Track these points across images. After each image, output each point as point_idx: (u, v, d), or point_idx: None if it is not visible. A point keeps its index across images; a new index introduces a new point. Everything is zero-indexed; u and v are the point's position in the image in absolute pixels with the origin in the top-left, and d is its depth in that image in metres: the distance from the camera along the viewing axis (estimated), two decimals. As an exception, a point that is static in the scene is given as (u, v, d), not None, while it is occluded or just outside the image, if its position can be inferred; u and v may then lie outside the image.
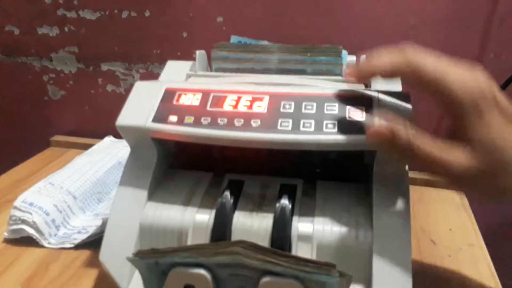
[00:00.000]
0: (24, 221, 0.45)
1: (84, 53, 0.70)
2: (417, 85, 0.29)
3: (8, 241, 0.46)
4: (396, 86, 0.38)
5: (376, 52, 0.31)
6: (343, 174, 0.39)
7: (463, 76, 0.28)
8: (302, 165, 0.42)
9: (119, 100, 0.37)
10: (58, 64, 0.71)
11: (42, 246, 0.45)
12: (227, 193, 0.37)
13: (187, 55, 0.64)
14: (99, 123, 0.73)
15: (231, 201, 0.37)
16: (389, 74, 0.31)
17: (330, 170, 0.41)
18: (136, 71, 0.69)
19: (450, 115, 0.30)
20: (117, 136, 0.68)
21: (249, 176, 0.40)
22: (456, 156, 0.28)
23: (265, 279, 0.28)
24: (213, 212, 0.35)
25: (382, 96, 0.35)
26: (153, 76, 0.54)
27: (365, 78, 0.34)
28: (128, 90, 0.38)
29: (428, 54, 0.29)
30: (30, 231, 0.45)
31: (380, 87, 0.37)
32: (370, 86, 0.39)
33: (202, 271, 0.28)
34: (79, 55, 0.70)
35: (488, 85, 0.28)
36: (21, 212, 0.45)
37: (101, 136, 0.68)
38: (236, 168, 0.42)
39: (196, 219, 0.35)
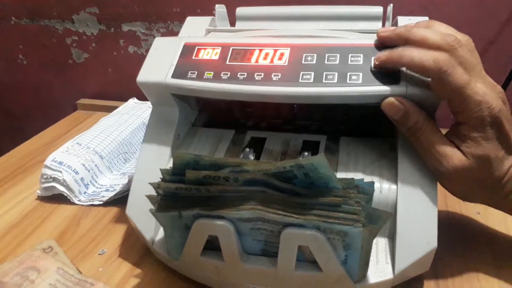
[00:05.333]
0: (55, 179, 0.47)
1: (105, 13, 0.69)
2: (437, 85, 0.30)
3: (41, 198, 0.48)
4: None
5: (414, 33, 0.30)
6: (367, 130, 0.38)
7: (483, 98, 0.29)
8: (325, 121, 0.41)
9: (141, 61, 0.37)
10: (80, 26, 0.71)
11: (73, 203, 0.47)
12: (248, 150, 0.37)
13: (207, 12, 0.63)
14: (122, 85, 0.74)
15: (252, 157, 0.37)
16: (415, 69, 0.30)
17: (354, 125, 0.40)
18: (157, 30, 0.68)
19: (455, 114, 0.31)
20: (141, 97, 0.68)
21: (271, 133, 0.40)
22: (451, 153, 0.30)
23: (286, 231, 0.28)
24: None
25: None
26: (174, 35, 0.53)
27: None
28: (149, 51, 0.38)
29: (458, 65, 0.29)
30: (61, 188, 0.47)
31: None
32: None
33: (225, 223, 0.29)
34: (100, 16, 0.70)
35: (500, 109, 0.29)
36: (51, 171, 0.47)
37: (125, 98, 0.69)
38: (258, 125, 0.42)
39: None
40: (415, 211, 0.31)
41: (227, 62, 0.35)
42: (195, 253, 0.31)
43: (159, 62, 0.37)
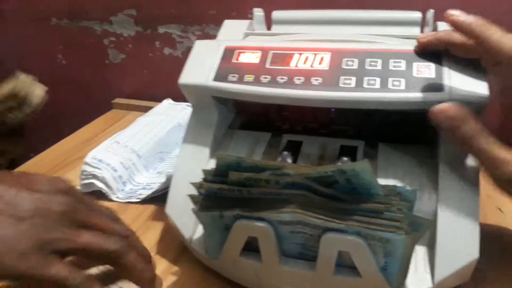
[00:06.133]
0: (94, 176, 0.48)
1: (142, 15, 0.71)
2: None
3: (81, 194, 0.50)
4: None
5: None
6: (406, 136, 0.38)
7: None
8: (362, 126, 0.41)
9: (176, 64, 0.38)
10: (118, 28, 0.74)
11: (111, 200, 0.48)
12: (286, 153, 0.37)
13: (243, 15, 0.64)
14: (157, 86, 0.75)
15: (290, 161, 0.37)
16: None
17: (392, 131, 0.39)
18: (192, 33, 0.69)
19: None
20: (176, 99, 0.69)
21: (307, 137, 0.40)
22: (510, 158, 0.28)
23: (327, 236, 0.28)
24: (273, 171, 0.35)
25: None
26: (209, 38, 0.54)
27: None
28: (184, 53, 0.39)
29: None
30: (100, 185, 0.48)
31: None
32: None
33: (265, 225, 0.29)
34: (137, 17, 0.71)
35: None
36: (91, 168, 0.49)
37: (159, 99, 0.70)
38: (294, 129, 0.42)
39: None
40: (456, 220, 0.31)
41: (267, 66, 0.36)
42: (234, 254, 0.32)
43: (201, 64, 0.38)
